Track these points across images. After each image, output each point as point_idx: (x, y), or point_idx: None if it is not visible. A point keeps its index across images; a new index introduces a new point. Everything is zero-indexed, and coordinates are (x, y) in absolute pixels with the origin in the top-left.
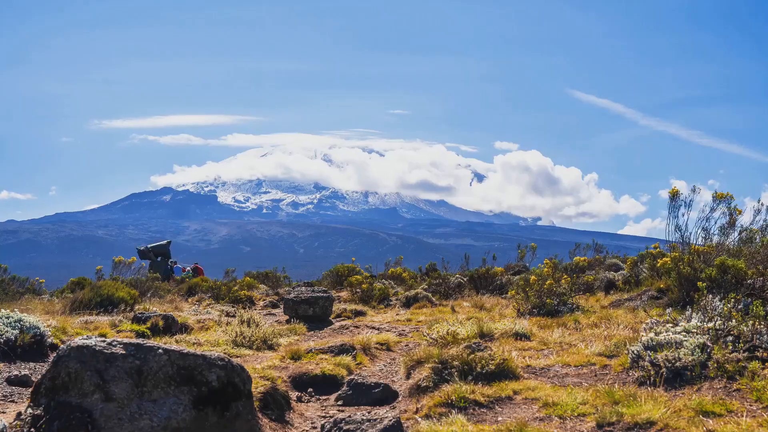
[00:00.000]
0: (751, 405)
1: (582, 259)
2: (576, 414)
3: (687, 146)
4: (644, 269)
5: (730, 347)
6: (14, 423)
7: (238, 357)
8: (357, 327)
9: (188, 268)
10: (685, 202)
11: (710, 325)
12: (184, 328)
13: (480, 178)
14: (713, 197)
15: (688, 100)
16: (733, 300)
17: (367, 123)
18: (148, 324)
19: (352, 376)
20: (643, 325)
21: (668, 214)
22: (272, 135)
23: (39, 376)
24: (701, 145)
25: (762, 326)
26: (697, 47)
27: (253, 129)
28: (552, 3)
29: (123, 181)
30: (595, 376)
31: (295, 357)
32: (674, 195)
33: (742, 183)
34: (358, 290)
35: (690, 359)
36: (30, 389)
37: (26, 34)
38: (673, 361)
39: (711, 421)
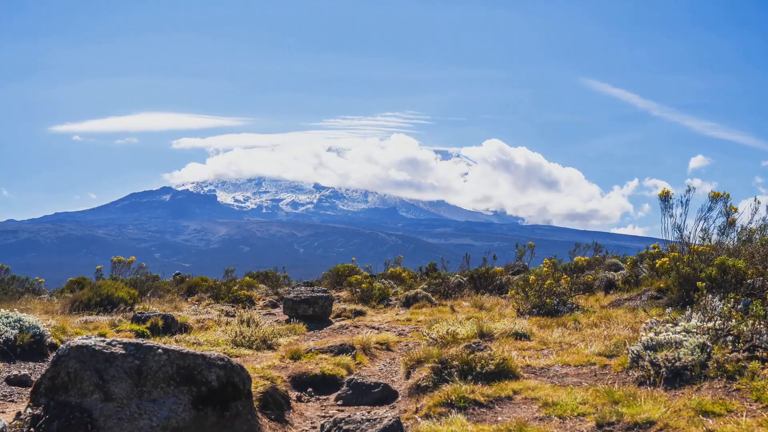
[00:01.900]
0: (750, 405)
1: (582, 258)
2: (576, 414)
3: (702, 140)
4: (644, 269)
5: (730, 347)
6: (14, 423)
7: (237, 357)
8: (357, 327)
9: None
10: (681, 202)
11: (710, 324)
12: (184, 328)
13: (466, 175)
14: (709, 197)
15: (708, 101)
16: (732, 300)
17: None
18: (148, 324)
19: (351, 376)
20: (643, 325)
21: (661, 214)
22: (269, 135)
23: (38, 376)
24: (716, 137)
25: (762, 326)
26: (711, 52)
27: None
28: (557, 7)
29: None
30: (595, 375)
31: (295, 357)
32: (665, 196)
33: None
34: (357, 290)
35: (690, 359)
36: (29, 389)
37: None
38: (673, 361)
39: (711, 421)
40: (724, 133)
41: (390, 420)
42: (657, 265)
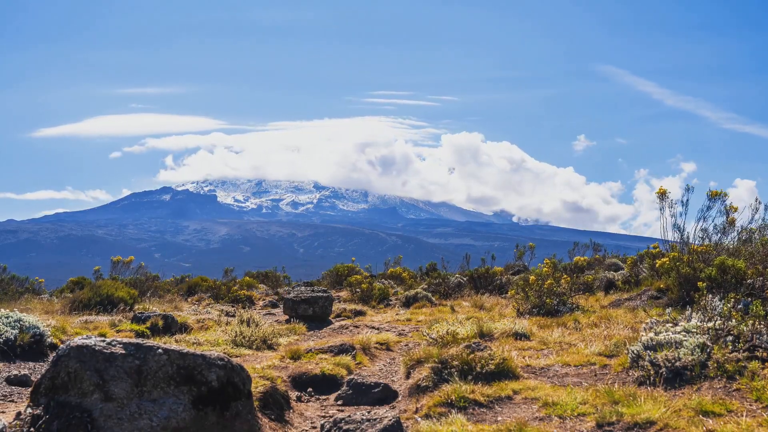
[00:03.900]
0: (750, 405)
1: (582, 258)
2: (576, 414)
3: (716, 133)
4: (644, 269)
5: (730, 347)
6: (14, 423)
7: (237, 357)
8: (357, 327)
9: None
10: (681, 201)
11: (710, 324)
12: (184, 328)
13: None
14: (707, 196)
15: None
16: (732, 300)
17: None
18: (148, 324)
19: (351, 376)
20: (643, 325)
21: (660, 214)
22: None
23: (38, 376)
24: (731, 130)
25: (762, 326)
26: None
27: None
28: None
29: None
30: (595, 375)
31: (295, 357)
32: (662, 195)
33: None
34: (357, 290)
35: (690, 359)
36: (29, 389)
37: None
38: (673, 361)
39: (711, 421)
40: (738, 125)
41: (390, 420)
42: (657, 265)
